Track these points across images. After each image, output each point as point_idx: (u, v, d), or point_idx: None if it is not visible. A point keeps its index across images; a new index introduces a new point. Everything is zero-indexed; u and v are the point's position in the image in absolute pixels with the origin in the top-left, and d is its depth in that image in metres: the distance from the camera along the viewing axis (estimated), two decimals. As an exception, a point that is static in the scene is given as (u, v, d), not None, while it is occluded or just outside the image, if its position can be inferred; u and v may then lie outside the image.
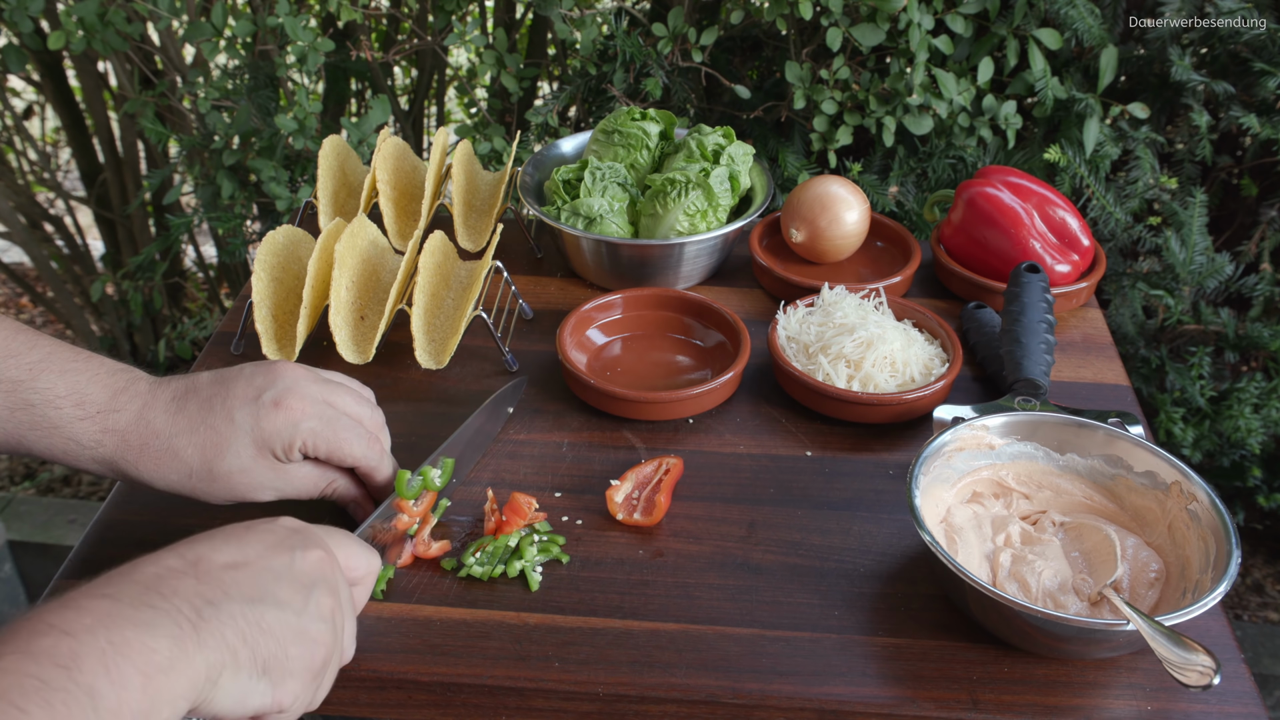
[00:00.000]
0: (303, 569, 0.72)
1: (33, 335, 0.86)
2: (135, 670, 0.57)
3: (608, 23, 1.78)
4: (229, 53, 1.84)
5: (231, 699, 0.64)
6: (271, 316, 1.15)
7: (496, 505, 0.97)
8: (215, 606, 0.64)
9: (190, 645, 0.61)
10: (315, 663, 0.70)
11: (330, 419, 0.89)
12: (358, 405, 0.93)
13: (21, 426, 0.84)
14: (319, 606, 0.71)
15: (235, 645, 0.64)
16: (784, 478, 1.04)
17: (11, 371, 0.83)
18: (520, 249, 1.41)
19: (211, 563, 0.68)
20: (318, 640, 0.70)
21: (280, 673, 0.67)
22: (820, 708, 0.82)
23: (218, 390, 0.87)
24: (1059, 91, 1.63)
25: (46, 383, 0.84)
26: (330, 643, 0.72)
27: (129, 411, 0.85)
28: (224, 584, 0.66)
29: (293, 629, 0.68)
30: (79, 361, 0.86)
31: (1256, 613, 2.13)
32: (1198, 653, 0.75)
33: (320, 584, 0.72)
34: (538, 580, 0.91)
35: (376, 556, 0.83)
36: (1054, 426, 0.97)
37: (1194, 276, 1.63)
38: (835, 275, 1.33)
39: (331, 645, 0.72)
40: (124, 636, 0.58)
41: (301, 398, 0.88)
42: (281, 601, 0.69)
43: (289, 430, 0.86)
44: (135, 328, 2.57)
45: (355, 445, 0.90)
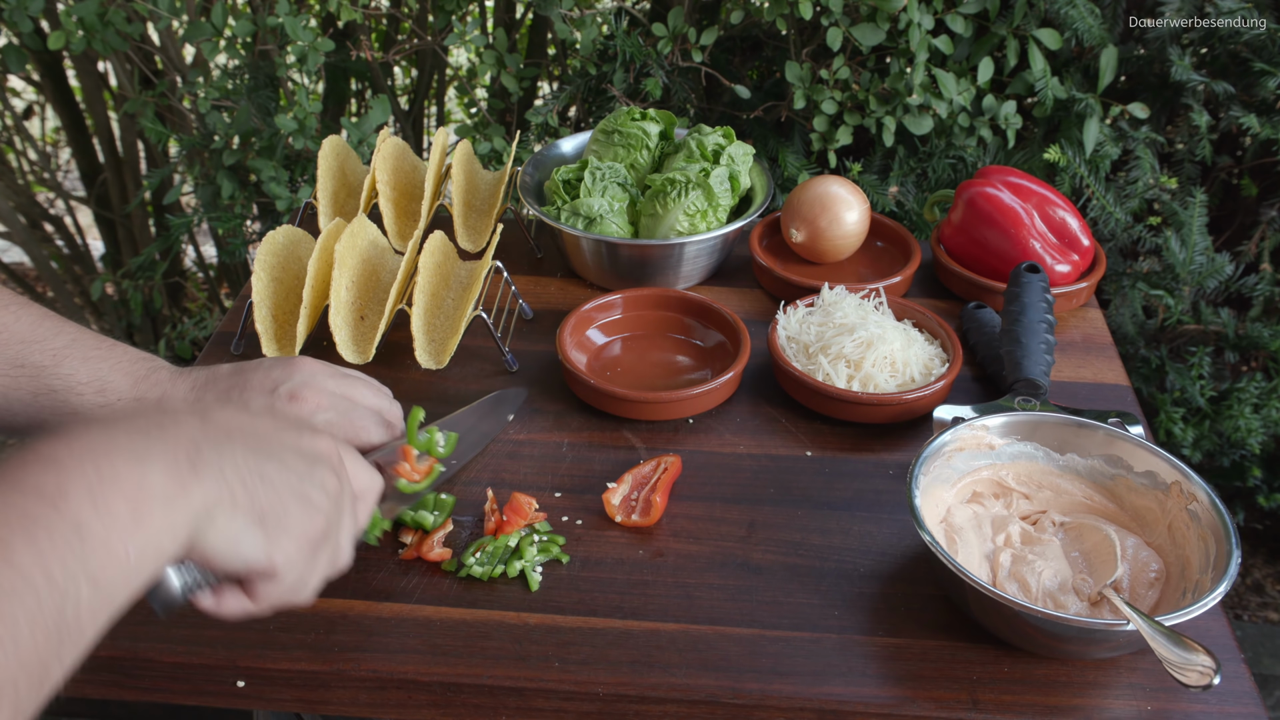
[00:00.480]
0: (310, 446, 0.71)
1: (58, 321, 0.87)
2: (124, 501, 0.56)
3: (608, 23, 1.78)
4: (229, 53, 1.84)
5: (225, 540, 0.62)
6: (271, 316, 1.15)
7: (496, 505, 0.97)
8: (217, 447, 0.63)
9: (186, 476, 0.59)
10: (313, 531, 0.68)
11: (346, 410, 0.90)
12: (376, 397, 0.93)
13: (44, 411, 0.85)
14: (322, 479, 0.70)
15: (233, 484, 0.62)
16: (784, 478, 1.04)
17: (36, 357, 0.85)
18: (520, 249, 1.41)
19: (221, 418, 0.66)
20: (317, 507, 0.69)
21: (276, 526, 0.65)
22: (820, 708, 0.82)
23: (236, 381, 0.88)
24: (1059, 91, 1.63)
25: (69, 369, 0.85)
26: (329, 516, 0.70)
27: (149, 399, 0.86)
28: (230, 432, 0.65)
29: (293, 488, 0.67)
30: (102, 349, 0.87)
31: (1256, 613, 2.13)
32: (1198, 653, 0.75)
33: (325, 463, 0.71)
34: (538, 580, 0.91)
35: (379, 476, 0.82)
36: (1054, 426, 0.97)
37: (1194, 276, 1.63)
38: (835, 275, 1.33)
39: (330, 520, 0.70)
40: (114, 467, 0.56)
41: (318, 390, 0.89)
42: (286, 463, 0.67)
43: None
44: (135, 328, 2.56)
45: (373, 433, 0.90)
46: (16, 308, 0.87)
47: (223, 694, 0.85)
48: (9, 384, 0.85)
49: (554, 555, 0.94)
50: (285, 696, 0.85)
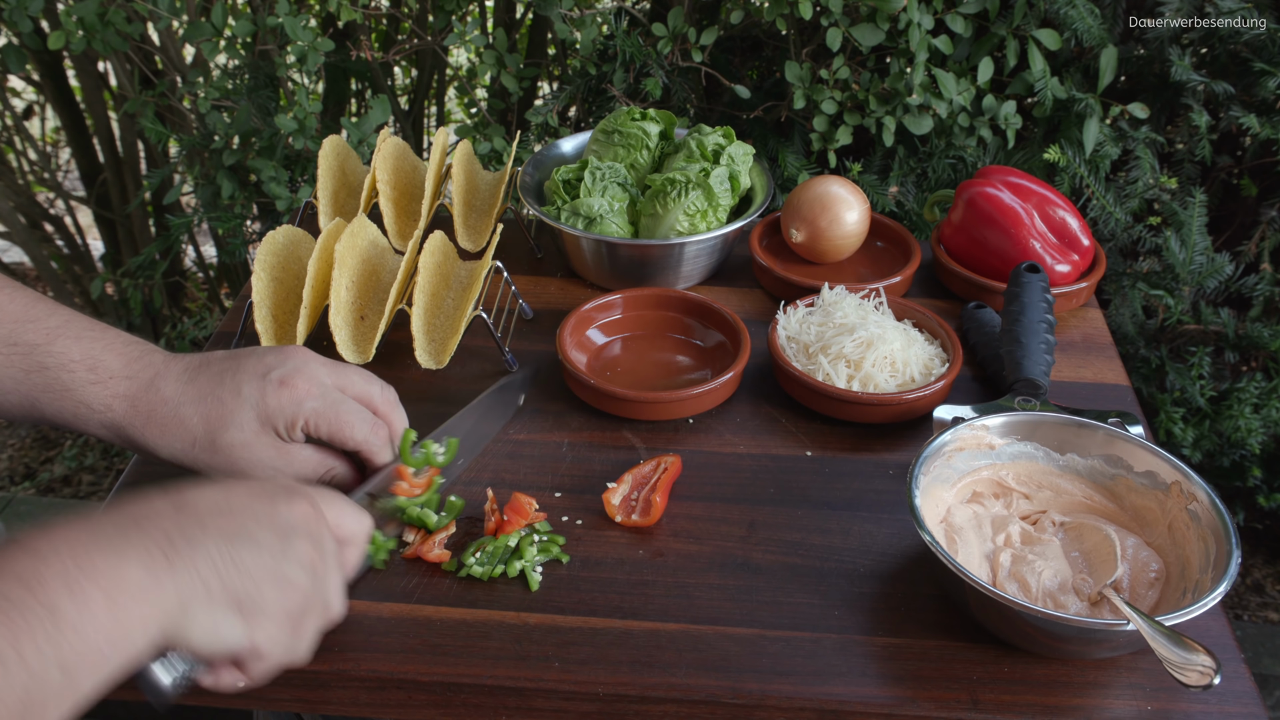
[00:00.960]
0: (285, 517, 0.72)
1: (52, 304, 0.89)
2: (100, 591, 0.57)
3: (608, 23, 1.78)
4: (229, 53, 1.84)
5: (204, 631, 0.64)
6: (271, 316, 1.15)
7: (496, 505, 0.97)
8: (190, 540, 0.64)
9: (161, 572, 0.61)
10: (292, 607, 0.70)
11: (334, 401, 0.90)
12: (366, 385, 0.93)
13: (35, 389, 0.86)
14: (298, 553, 0.71)
15: (207, 576, 0.64)
16: (784, 478, 1.04)
17: (29, 335, 0.86)
18: (520, 249, 1.41)
19: (195, 505, 0.68)
20: (294, 585, 0.70)
21: (254, 611, 0.67)
22: (820, 708, 0.82)
23: (229, 365, 0.89)
24: (1059, 91, 1.63)
25: (62, 347, 0.86)
26: (307, 590, 0.71)
27: (141, 379, 0.87)
28: (203, 522, 0.66)
29: (269, 570, 0.68)
30: (95, 330, 0.88)
31: (1256, 613, 2.13)
32: (1198, 653, 0.75)
33: (301, 533, 0.72)
34: (538, 580, 0.91)
35: (368, 518, 0.83)
36: (1054, 426, 0.97)
37: (1194, 276, 1.63)
38: (835, 275, 1.33)
39: (309, 594, 0.71)
40: (91, 560, 0.58)
41: (308, 379, 0.89)
42: (259, 543, 0.68)
43: (292, 407, 0.87)
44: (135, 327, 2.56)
45: (357, 428, 0.90)
46: (11, 290, 0.88)
47: (223, 694, 0.85)
48: (2, 362, 0.86)
49: (554, 555, 0.94)
50: (285, 696, 0.85)
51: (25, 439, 2.65)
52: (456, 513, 0.96)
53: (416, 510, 0.94)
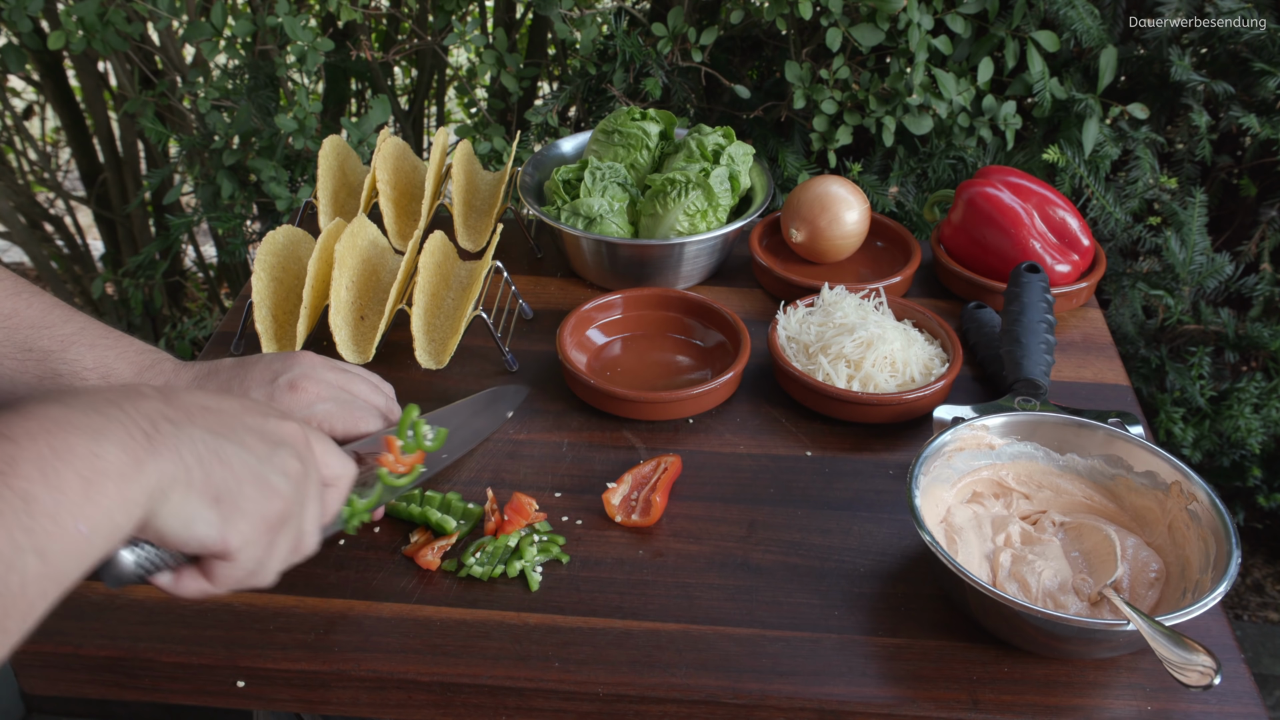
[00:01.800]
0: (274, 430, 0.71)
1: (68, 310, 0.90)
2: (75, 475, 0.56)
3: (608, 23, 1.78)
4: (229, 53, 1.84)
5: (178, 519, 0.62)
6: (271, 316, 1.15)
7: (497, 505, 0.97)
8: (175, 425, 0.63)
9: (142, 453, 0.59)
10: (270, 513, 0.68)
11: (345, 402, 0.91)
12: (373, 393, 0.95)
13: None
14: (283, 463, 0.70)
15: (189, 463, 0.62)
16: (784, 478, 1.04)
17: (44, 342, 0.87)
18: (520, 249, 1.41)
19: (185, 399, 0.67)
20: (275, 490, 0.68)
21: (231, 507, 0.65)
22: (820, 708, 0.82)
23: (237, 373, 0.90)
24: (1058, 92, 1.63)
25: (76, 354, 0.87)
26: (289, 499, 0.70)
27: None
28: (189, 412, 0.65)
29: (252, 470, 0.67)
30: (109, 339, 0.90)
31: (1256, 613, 2.13)
32: (1198, 653, 0.75)
33: (288, 446, 0.71)
34: (538, 580, 0.91)
35: (352, 464, 0.81)
36: (1054, 426, 0.97)
37: (1194, 276, 1.63)
38: (835, 275, 1.33)
39: (289, 505, 0.70)
40: (68, 442, 0.56)
41: (317, 381, 0.90)
42: (245, 444, 0.67)
43: (303, 411, 0.88)
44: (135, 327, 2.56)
45: (371, 427, 0.91)
46: (29, 295, 0.89)
47: (223, 694, 0.85)
48: (16, 367, 0.87)
49: (554, 555, 0.94)
50: (285, 696, 0.85)
51: (25, 439, 2.64)
52: (475, 520, 0.96)
53: (436, 516, 0.94)
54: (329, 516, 0.79)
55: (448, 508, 0.97)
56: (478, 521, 0.97)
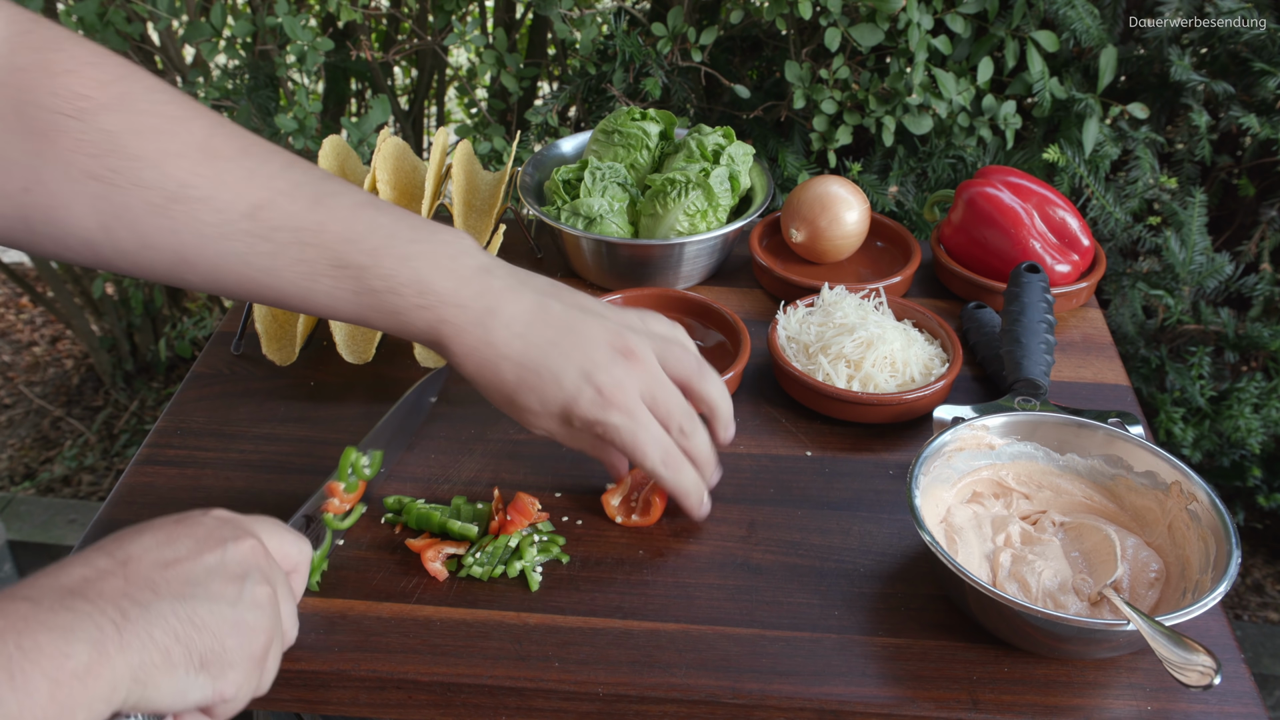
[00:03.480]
0: (235, 559, 0.71)
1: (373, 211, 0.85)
2: (43, 676, 0.56)
3: (607, 22, 1.78)
4: (228, 53, 1.84)
5: (170, 696, 0.63)
6: (271, 316, 1.15)
7: (502, 504, 0.97)
8: (143, 607, 0.63)
9: (111, 648, 0.59)
10: (256, 650, 0.69)
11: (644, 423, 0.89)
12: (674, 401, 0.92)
13: (366, 309, 0.84)
14: (254, 595, 0.70)
15: (167, 645, 0.62)
16: (784, 478, 1.04)
17: (355, 257, 0.82)
18: (520, 249, 1.41)
19: (141, 562, 0.66)
20: (255, 628, 0.69)
21: (219, 665, 0.66)
22: (820, 708, 0.82)
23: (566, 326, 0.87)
24: (1058, 92, 1.63)
25: (389, 269, 0.83)
26: (270, 629, 0.71)
27: (473, 310, 0.84)
28: (154, 584, 0.65)
29: (229, 621, 0.67)
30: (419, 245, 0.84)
31: (1256, 613, 2.13)
32: (1198, 653, 0.75)
33: (254, 573, 0.71)
34: (538, 580, 0.91)
35: (307, 544, 0.82)
36: (1054, 426, 0.97)
37: (1194, 276, 1.63)
38: (835, 275, 1.33)
39: (271, 631, 0.71)
40: (36, 641, 0.56)
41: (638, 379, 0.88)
42: (215, 595, 0.67)
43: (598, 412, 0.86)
44: (135, 327, 2.57)
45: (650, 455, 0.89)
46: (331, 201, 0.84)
47: None
48: (333, 284, 0.83)
49: (554, 555, 0.94)
50: (285, 696, 0.85)
51: (25, 439, 2.65)
52: (485, 520, 0.96)
53: (458, 526, 0.93)
54: (299, 595, 0.82)
55: (458, 513, 0.96)
56: (488, 521, 0.96)
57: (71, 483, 2.53)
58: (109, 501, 1.00)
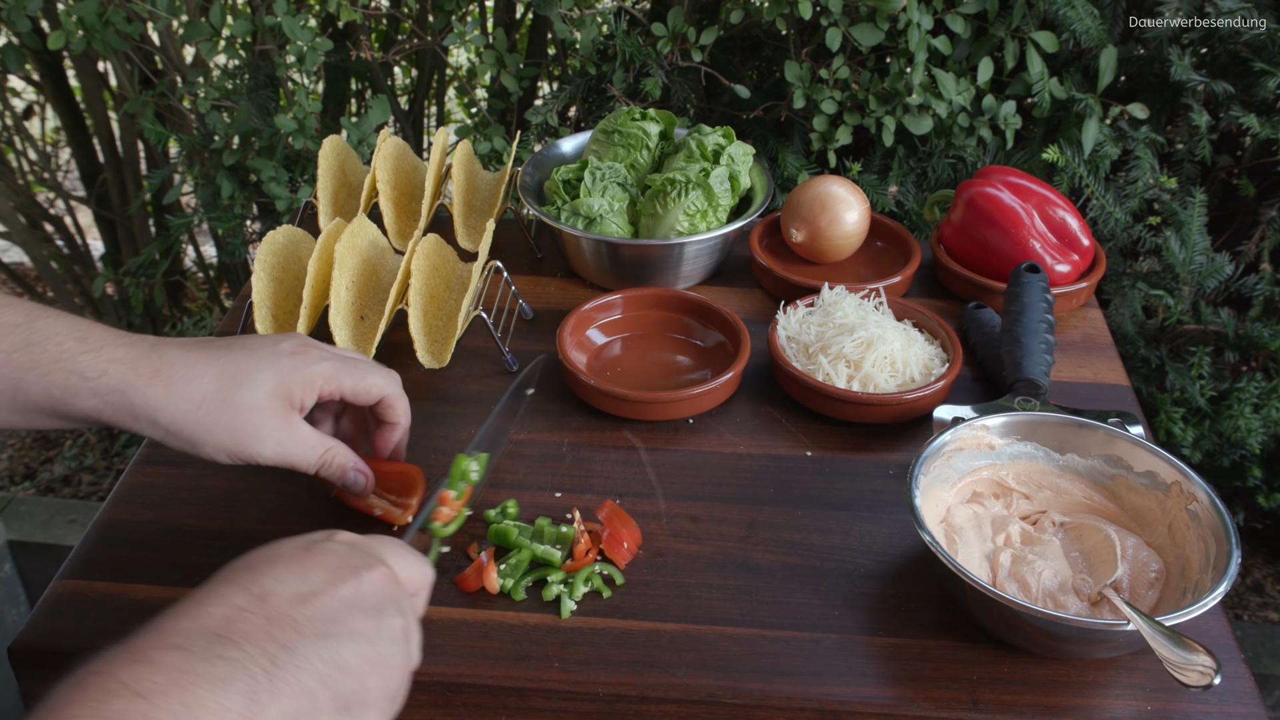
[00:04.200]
0: (370, 591, 0.69)
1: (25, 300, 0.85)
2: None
3: (607, 22, 1.78)
4: (228, 53, 1.84)
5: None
6: (271, 316, 1.15)
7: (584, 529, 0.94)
8: (290, 651, 0.62)
9: (265, 697, 0.59)
10: (392, 688, 0.68)
11: (347, 359, 0.90)
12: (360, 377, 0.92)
13: (20, 368, 0.81)
14: (390, 630, 0.69)
15: (313, 689, 0.62)
16: (784, 478, 1.04)
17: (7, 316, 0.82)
18: (520, 249, 1.41)
19: (279, 597, 0.65)
20: (392, 665, 0.68)
21: (361, 706, 0.65)
22: (820, 708, 0.82)
23: (235, 339, 0.88)
24: (1058, 92, 1.63)
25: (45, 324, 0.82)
26: (405, 664, 0.70)
27: (139, 346, 0.84)
28: (296, 622, 0.64)
29: (369, 660, 0.66)
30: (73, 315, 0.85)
31: (1256, 613, 2.13)
32: (1198, 653, 0.75)
33: (389, 605, 0.70)
34: (570, 609, 0.89)
35: (429, 566, 0.80)
36: (1054, 426, 0.97)
37: (1194, 276, 1.63)
38: (835, 275, 1.33)
39: (406, 666, 0.70)
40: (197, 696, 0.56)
41: (318, 349, 0.90)
42: (355, 633, 0.66)
43: (308, 369, 0.87)
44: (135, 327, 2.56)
45: (377, 377, 0.90)
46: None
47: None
48: None
49: (597, 587, 0.91)
50: (285, 696, 0.85)
51: (25, 439, 2.65)
52: (570, 544, 0.94)
53: (541, 550, 0.92)
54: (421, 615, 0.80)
55: (540, 535, 0.95)
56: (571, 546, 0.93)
57: (71, 483, 2.53)
58: (109, 501, 1.00)
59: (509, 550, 0.94)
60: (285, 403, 0.86)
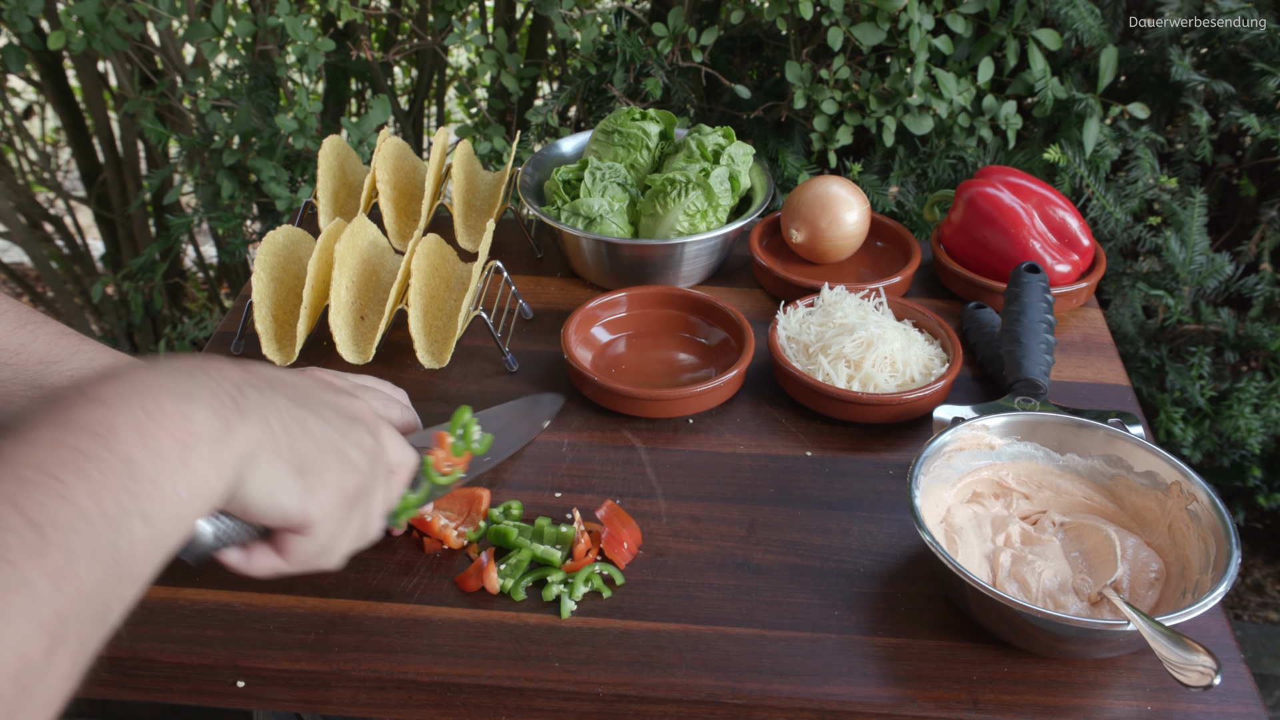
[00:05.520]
0: (348, 406, 0.72)
1: (75, 341, 0.88)
2: (171, 438, 0.56)
3: (608, 22, 1.78)
4: (229, 53, 1.84)
5: (264, 488, 0.63)
6: (271, 316, 1.15)
7: (584, 529, 0.94)
8: (259, 392, 0.63)
9: (231, 417, 0.60)
10: (349, 487, 0.68)
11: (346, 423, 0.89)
12: (385, 408, 0.93)
13: None
14: (359, 438, 0.70)
15: (275, 430, 0.63)
16: (784, 478, 1.04)
17: (53, 378, 0.85)
18: (520, 249, 1.41)
19: (262, 370, 0.67)
20: (354, 464, 0.69)
21: (314, 478, 0.66)
22: (820, 708, 0.82)
23: None
24: (1059, 91, 1.63)
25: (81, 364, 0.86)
26: (365, 474, 0.70)
27: None
28: (272, 382, 0.65)
29: (332, 442, 0.67)
30: (112, 355, 0.88)
31: (1256, 613, 2.13)
32: (1198, 653, 0.75)
33: (363, 424, 0.71)
34: (570, 609, 0.89)
35: (414, 453, 0.81)
36: (1054, 426, 0.97)
37: (1194, 276, 1.63)
38: (835, 275, 1.33)
39: (365, 479, 0.70)
40: (160, 405, 0.56)
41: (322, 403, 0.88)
42: (325, 418, 0.68)
43: None
44: (135, 328, 2.56)
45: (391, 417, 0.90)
46: (34, 326, 0.87)
47: (223, 694, 0.85)
48: (27, 406, 0.84)
49: (596, 587, 0.91)
50: (285, 696, 0.85)
51: (25, 439, 2.64)
52: (569, 545, 0.93)
53: (541, 550, 0.92)
54: (391, 503, 0.80)
55: (540, 535, 0.94)
56: (571, 547, 0.93)
57: (72, 483, 2.52)
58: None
59: (509, 550, 0.94)
60: None
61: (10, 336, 0.86)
